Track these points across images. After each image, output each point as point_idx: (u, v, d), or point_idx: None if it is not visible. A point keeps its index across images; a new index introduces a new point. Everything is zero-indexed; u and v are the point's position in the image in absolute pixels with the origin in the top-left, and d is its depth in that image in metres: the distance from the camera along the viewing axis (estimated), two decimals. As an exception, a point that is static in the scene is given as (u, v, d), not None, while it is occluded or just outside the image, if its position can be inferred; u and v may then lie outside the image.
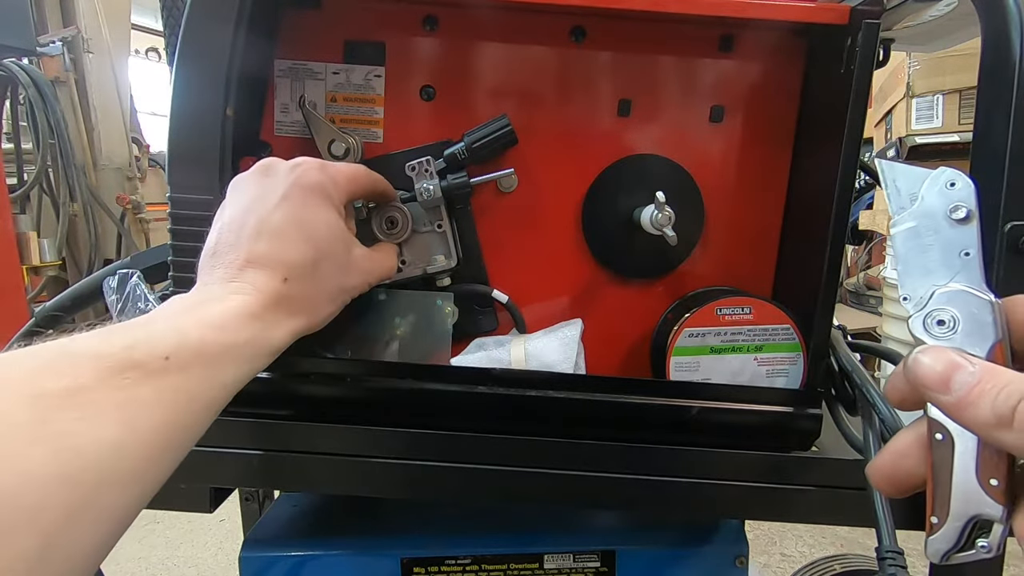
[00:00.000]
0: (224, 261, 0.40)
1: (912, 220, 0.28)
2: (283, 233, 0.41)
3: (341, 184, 0.45)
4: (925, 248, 0.28)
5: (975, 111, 0.47)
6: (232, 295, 0.38)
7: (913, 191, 0.28)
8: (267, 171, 0.44)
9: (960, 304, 0.27)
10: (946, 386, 0.27)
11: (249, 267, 0.40)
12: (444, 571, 0.58)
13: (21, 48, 2.16)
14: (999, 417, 0.25)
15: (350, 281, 0.46)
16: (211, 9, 0.47)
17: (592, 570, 0.59)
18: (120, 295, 0.56)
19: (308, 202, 0.42)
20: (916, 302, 0.27)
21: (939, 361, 0.27)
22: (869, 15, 0.47)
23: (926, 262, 0.28)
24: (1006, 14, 0.45)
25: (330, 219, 0.44)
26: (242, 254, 0.40)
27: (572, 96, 0.57)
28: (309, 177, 0.43)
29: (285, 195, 0.42)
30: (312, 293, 0.42)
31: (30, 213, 2.95)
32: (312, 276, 0.42)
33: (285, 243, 0.41)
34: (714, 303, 0.53)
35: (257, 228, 0.41)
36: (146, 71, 5.43)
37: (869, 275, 2.84)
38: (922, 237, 0.28)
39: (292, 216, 0.41)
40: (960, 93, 1.92)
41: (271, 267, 0.40)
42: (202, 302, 0.37)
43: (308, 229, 0.42)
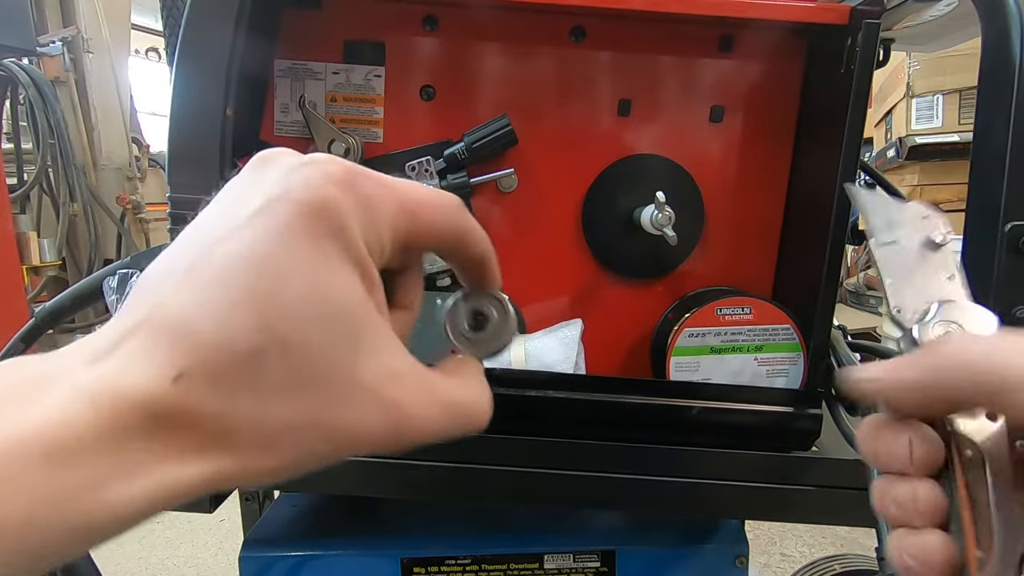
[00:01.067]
0: (125, 308, 0.22)
1: (893, 238, 0.28)
2: (221, 283, 0.21)
3: (381, 214, 0.24)
4: (911, 267, 0.28)
5: (975, 111, 0.47)
6: (72, 389, 0.19)
7: (888, 217, 0.29)
8: (261, 165, 0.25)
9: (970, 317, 0.27)
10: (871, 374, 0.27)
11: (139, 333, 0.21)
12: (444, 571, 0.58)
13: (21, 48, 2.15)
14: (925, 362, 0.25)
15: (350, 418, 0.22)
16: (211, 9, 0.47)
17: (592, 570, 0.58)
18: (120, 295, 0.56)
19: (294, 236, 0.22)
20: (912, 314, 0.27)
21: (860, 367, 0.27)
22: (869, 15, 0.47)
23: (914, 279, 0.28)
24: (1006, 14, 0.45)
25: (331, 279, 0.22)
26: (144, 305, 0.21)
27: (572, 96, 0.57)
28: (314, 189, 0.22)
29: (258, 213, 0.22)
30: (243, 416, 0.21)
31: (30, 213, 2.95)
32: (250, 382, 0.21)
33: (215, 304, 0.21)
34: (714, 303, 0.53)
35: (188, 263, 0.22)
36: (146, 71, 5.43)
37: (869, 275, 2.84)
38: (905, 256, 0.28)
39: (251, 255, 0.21)
40: (960, 93, 1.92)
41: (170, 342, 0.20)
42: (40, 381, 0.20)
43: (272, 288, 0.21)
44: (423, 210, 0.26)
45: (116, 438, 0.19)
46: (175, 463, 0.20)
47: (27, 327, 0.60)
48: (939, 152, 1.94)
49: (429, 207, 0.26)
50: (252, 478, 0.22)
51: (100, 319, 2.46)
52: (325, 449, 0.23)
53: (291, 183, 0.23)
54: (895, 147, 2.03)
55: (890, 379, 0.26)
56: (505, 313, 0.32)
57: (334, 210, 0.23)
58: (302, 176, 0.23)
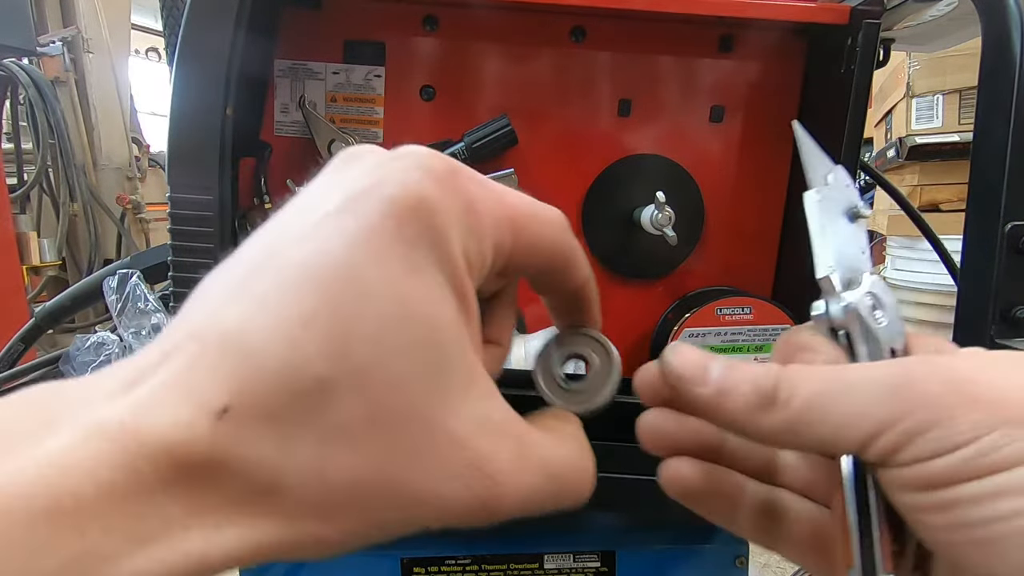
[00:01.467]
0: (171, 324, 0.18)
1: (827, 197, 0.27)
2: (288, 294, 0.17)
3: (485, 223, 0.20)
4: (836, 231, 0.27)
5: (975, 111, 0.47)
6: (84, 429, 0.15)
7: (823, 174, 0.28)
8: (347, 161, 0.21)
9: (885, 294, 0.25)
10: (703, 376, 0.23)
11: (181, 353, 0.16)
12: (444, 571, 0.58)
13: (21, 48, 2.15)
14: (761, 395, 0.22)
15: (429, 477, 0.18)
16: (211, 9, 0.47)
17: (592, 570, 0.58)
18: (120, 295, 0.56)
19: (382, 240, 0.17)
20: (844, 277, 0.25)
21: (694, 352, 0.24)
22: (869, 15, 0.47)
23: (843, 244, 0.26)
24: (1006, 14, 0.44)
25: (423, 297, 0.18)
26: (191, 321, 0.17)
27: (572, 96, 0.57)
28: (409, 185, 0.18)
29: (339, 211, 0.18)
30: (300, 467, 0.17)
31: (30, 213, 2.95)
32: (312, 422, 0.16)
33: (278, 320, 0.16)
34: (714, 303, 0.53)
35: (249, 270, 0.18)
36: (146, 71, 5.43)
37: (869, 275, 2.84)
38: (833, 218, 0.27)
39: (326, 261, 0.17)
40: (960, 93, 1.92)
41: (219, 365, 0.16)
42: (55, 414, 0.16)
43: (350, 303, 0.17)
44: (529, 223, 0.22)
45: (128, 494, 0.14)
46: (207, 527, 0.15)
47: (27, 327, 0.60)
48: (939, 152, 1.94)
49: (536, 220, 0.22)
50: (303, 550, 0.17)
51: (100, 319, 2.46)
52: (395, 517, 0.18)
53: (380, 177, 0.18)
54: (895, 147, 2.03)
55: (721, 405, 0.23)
56: (609, 359, 0.27)
57: (432, 211, 0.18)
58: (394, 169, 0.19)
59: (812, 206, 0.27)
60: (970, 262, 0.46)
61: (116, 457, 0.14)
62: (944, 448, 0.19)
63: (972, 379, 0.20)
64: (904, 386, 0.20)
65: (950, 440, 0.19)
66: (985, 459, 0.19)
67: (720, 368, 0.23)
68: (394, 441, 0.17)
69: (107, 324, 0.64)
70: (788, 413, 0.22)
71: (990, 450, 0.19)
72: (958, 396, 0.20)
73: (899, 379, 0.20)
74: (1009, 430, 0.19)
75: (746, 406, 0.22)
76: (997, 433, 0.19)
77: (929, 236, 0.68)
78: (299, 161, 0.56)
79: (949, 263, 0.64)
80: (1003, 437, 0.19)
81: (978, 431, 0.19)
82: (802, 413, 0.21)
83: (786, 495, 0.28)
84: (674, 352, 0.25)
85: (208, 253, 0.48)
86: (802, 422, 0.21)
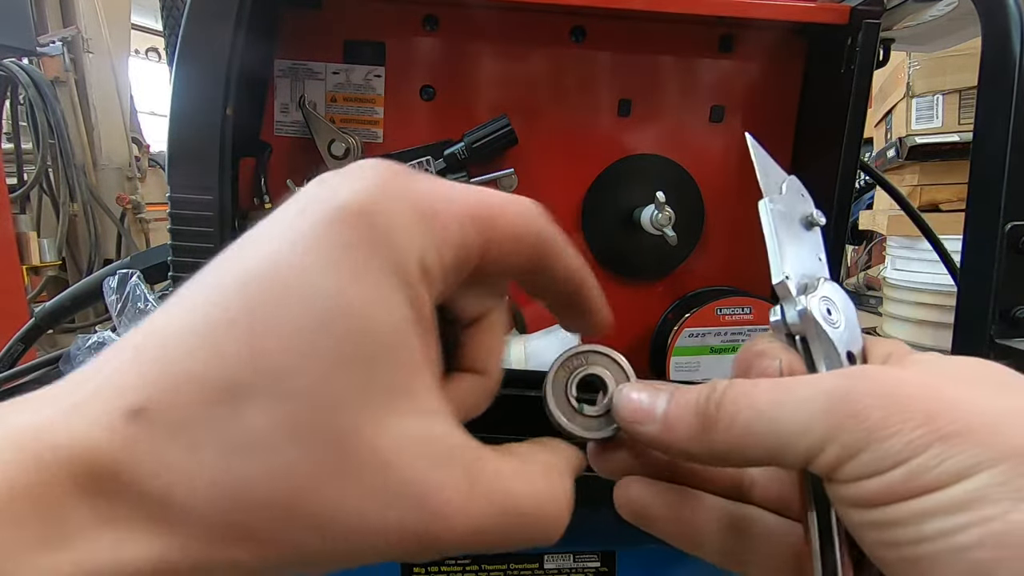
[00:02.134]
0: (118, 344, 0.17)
1: (781, 205, 0.27)
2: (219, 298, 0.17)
3: (446, 226, 0.19)
4: (792, 238, 0.27)
5: (975, 111, 0.47)
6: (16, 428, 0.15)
7: (777, 182, 0.28)
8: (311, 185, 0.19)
9: (840, 299, 0.25)
10: (649, 414, 0.23)
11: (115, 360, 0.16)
12: (444, 571, 0.58)
13: (21, 48, 2.15)
14: (704, 418, 0.22)
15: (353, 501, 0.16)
16: (211, 9, 0.47)
17: (592, 570, 0.58)
18: (120, 295, 0.56)
19: (320, 242, 0.17)
20: (799, 283, 0.25)
21: (641, 391, 0.24)
22: (869, 15, 0.47)
23: (799, 251, 0.26)
24: (1006, 14, 0.44)
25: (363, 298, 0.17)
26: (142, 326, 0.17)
27: (572, 96, 0.57)
28: (356, 192, 0.18)
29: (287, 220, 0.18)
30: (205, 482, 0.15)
31: (30, 213, 2.95)
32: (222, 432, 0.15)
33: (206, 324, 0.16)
34: (714, 303, 0.53)
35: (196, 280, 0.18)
36: (146, 71, 5.43)
37: (869, 275, 2.84)
38: (789, 225, 0.27)
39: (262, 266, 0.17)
40: (960, 93, 1.92)
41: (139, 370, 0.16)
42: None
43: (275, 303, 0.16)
44: (497, 217, 0.20)
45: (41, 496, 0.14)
46: (116, 537, 0.15)
47: (27, 327, 0.60)
48: (939, 152, 1.94)
49: (505, 212, 0.21)
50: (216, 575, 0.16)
51: (100, 319, 2.46)
52: (317, 546, 0.16)
53: (331, 188, 0.18)
54: (895, 147, 2.03)
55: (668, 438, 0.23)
56: (625, 375, 0.25)
57: (379, 215, 0.17)
58: (343, 180, 0.18)
59: (766, 214, 0.27)
60: (970, 262, 0.46)
61: (29, 462, 0.14)
62: (879, 467, 0.19)
63: (911, 393, 0.19)
64: (842, 401, 0.20)
65: (884, 459, 0.19)
66: (917, 480, 0.18)
67: (664, 403, 0.23)
68: (312, 457, 0.15)
69: (107, 324, 0.64)
70: (732, 434, 0.21)
71: (922, 470, 0.18)
72: (894, 412, 0.19)
73: (838, 393, 0.20)
74: (942, 447, 0.18)
75: (691, 433, 0.22)
76: (929, 452, 0.18)
77: (929, 236, 0.68)
78: (299, 161, 0.56)
79: (949, 263, 0.64)
80: (934, 457, 0.18)
81: (911, 451, 0.18)
82: (745, 433, 0.21)
83: (755, 512, 0.27)
84: (620, 395, 0.24)
85: (208, 253, 0.47)
86: (746, 441, 0.21)
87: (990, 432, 0.18)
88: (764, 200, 0.27)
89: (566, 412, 0.25)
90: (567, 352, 0.26)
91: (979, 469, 0.18)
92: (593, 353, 0.26)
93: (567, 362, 0.26)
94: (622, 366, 0.26)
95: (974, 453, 0.18)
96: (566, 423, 0.25)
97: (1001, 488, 0.17)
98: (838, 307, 0.25)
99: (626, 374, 0.26)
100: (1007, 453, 0.18)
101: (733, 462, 0.22)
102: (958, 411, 0.19)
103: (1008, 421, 0.18)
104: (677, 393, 0.23)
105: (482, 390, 0.23)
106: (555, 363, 0.26)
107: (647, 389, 0.24)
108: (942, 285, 1.81)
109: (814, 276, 0.26)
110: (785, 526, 0.27)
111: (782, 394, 0.21)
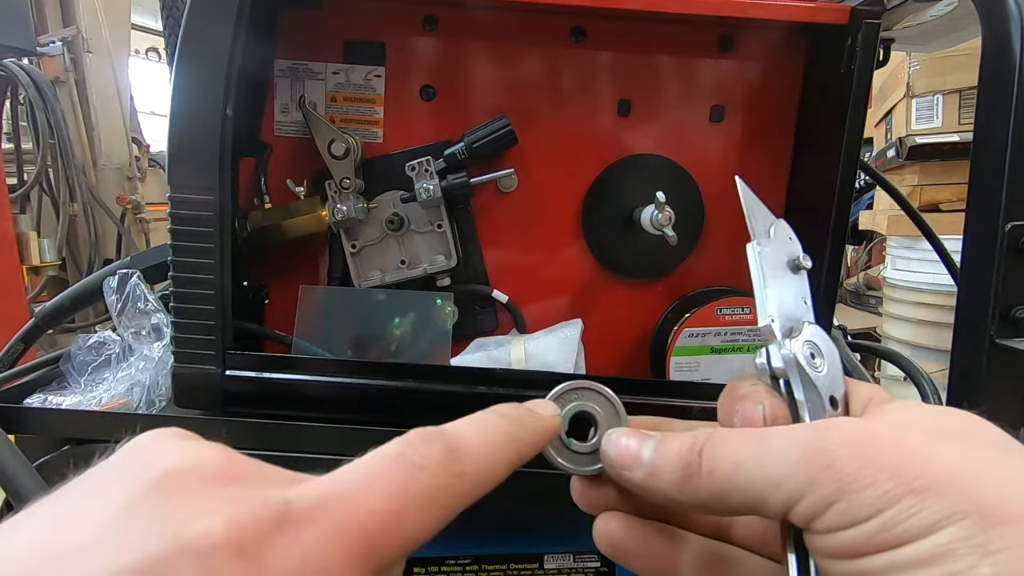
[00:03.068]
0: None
1: (770, 248, 0.28)
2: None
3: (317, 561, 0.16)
4: (779, 280, 0.27)
5: (975, 111, 0.47)
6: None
7: (765, 225, 0.29)
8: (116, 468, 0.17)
9: (824, 343, 0.26)
10: (635, 461, 0.24)
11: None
12: (444, 571, 0.58)
13: (21, 48, 2.15)
14: (687, 465, 0.23)
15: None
16: (211, 9, 0.47)
17: (592, 570, 0.58)
18: (120, 295, 0.56)
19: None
20: (785, 326, 0.26)
21: (630, 438, 0.25)
22: (869, 15, 0.47)
23: (784, 294, 0.27)
24: (1006, 14, 0.44)
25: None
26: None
27: (572, 96, 0.57)
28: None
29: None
30: None
31: (30, 213, 2.95)
32: None
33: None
34: (714, 303, 0.53)
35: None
36: (146, 71, 5.42)
37: (869, 275, 2.84)
38: (776, 268, 0.28)
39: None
40: (960, 93, 1.92)
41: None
42: None
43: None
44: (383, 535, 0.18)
45: None
46: None
47: (27, 327, 0.60)
48: (939, 152, 1.94)
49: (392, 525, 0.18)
50: None
51: (100, 319, 2.46)
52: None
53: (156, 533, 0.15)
54: (895, 147, 2.03)
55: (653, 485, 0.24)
56: (616, 413, 0.27)
57: None
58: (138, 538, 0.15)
59: (754, 258, 0.28)
60: (970, 262, 0.46)
61: None
62: (851, 520, 0.19)
63: (882, 447, 0.20)
64: (817, 452, 0.20)
65: (856, 513, 0.19)
66: (887, 533, 0.19)
67: (651, 450, 0.24)
68: None
69: (107, 324, 0.64)
70: (713, 484, 0.22)
71: (892, 524, 0.19)
72: (866, 465, 0.19)
73: (812, 445, 0.20)
74: (912, 500, 0.18)
75: (674, 482, 0.23)
76: (899, 506, 0.18)
77: (929, 236, 0.68)
78: (299, 161, 0.56)
79: (949, 263, 0.64)
80: (905, 511, 0.18)
81: (882, 504, 0.19)
82: (724, 483, 0.22)
83: (736, 553, 0.28)
84: (609, 440, 0.26)
85: (208, 253, 0.48)
86: (726, 491, 0.22)
87: (957, 486, 0.18)
88: (752, 243, 0.28)
89: (555, 445, 0.26)
90: (564, 386, 0.27)
91: (947, 523, 0.18)
92: (588, 390, 0.27)
93: (563, 396, 0.27)
94: (615, 405, 0.27)
95: (942, 507, 0.18)
96: (554, 456, 0.26)
97: (967, 543, 0.18)
98: (822, 351, 0.26)
99: (618, 414, 0.27)
100: (972, 507, 0.18)
101: (716, 511, 0.23)
102: (928, 465, 0.19)
103: (974, 476, 0.19)
104: (664, 440, 0.24)
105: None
106: (551, 395, 0.27)
107: (635, 435, 0.25)
108: (942, 285, 1.81)
109: (799, 319, 0.27)
110: (765, 568, 0.27)
111: (760, 445, 0.22)
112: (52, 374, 0.59)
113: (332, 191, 0.53)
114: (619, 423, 0.27)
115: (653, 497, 0.24)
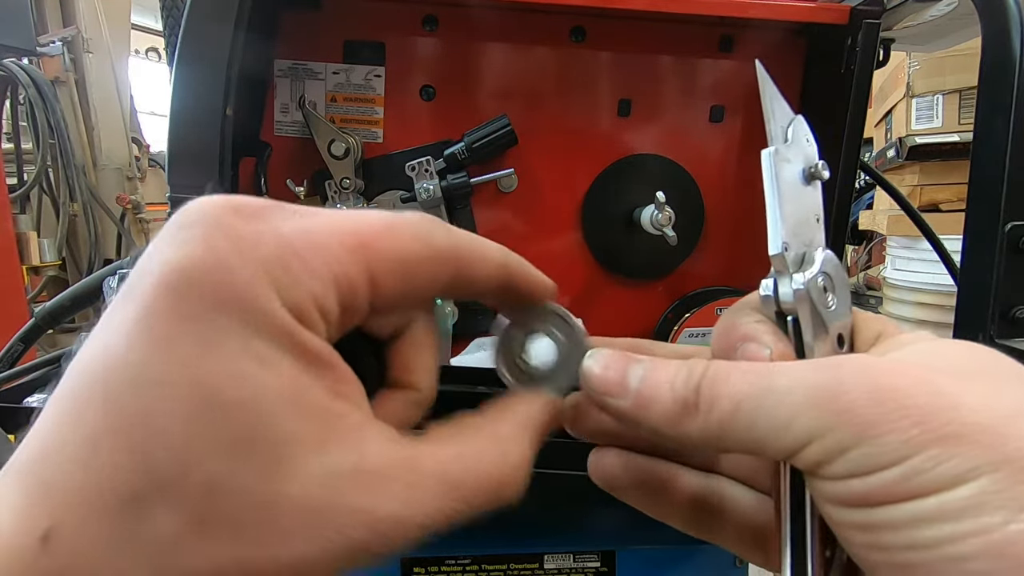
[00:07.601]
0: None
1: (787, 155, 0.24)
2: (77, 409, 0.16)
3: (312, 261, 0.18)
4: (794, 195, 0.24)
5: (975, 111, 0.47)
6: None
7: (785, 127, 0.25)
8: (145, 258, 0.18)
9: (836, 272, 0.23)
10: (622, 387, 0.22)
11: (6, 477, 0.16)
12: (444, 571, 0.58)
13: (21, 48, 2.15)
14: (681, 401, 0.20)
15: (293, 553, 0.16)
16: (211, 9, 0.47)
17: (592, 570, 0.58)
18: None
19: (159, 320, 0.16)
20: (797, 257, 0.23)
21: (614, 359, 0.22)
22: (869, 15, 0.47)
23: (797, 212, 0.23)
24: (1006, 14, 0.44)
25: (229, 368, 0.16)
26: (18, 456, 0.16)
27: (572, 96, 0.57)
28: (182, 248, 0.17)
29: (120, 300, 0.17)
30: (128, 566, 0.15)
31: (30, 213, 2.95)
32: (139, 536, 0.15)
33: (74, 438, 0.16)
34: (714, 303, 0.53)
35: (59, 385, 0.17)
36: (146, 71, 5.42)
37: (869, 275, 2.84)
38: (792, 180, 0.24)
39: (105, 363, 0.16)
40: (960, 93, 1.92)
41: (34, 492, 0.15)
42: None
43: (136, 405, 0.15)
44: (382, 241, 0.19)
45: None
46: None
47: (27, 327, 0.60)
48: (939, 152, 1.94)
49: (391, 234, 0.19)
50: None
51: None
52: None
53: (156, 255, 0.17)
54: (895, 147, 2.03)
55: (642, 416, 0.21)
56: (572, 330, 0.24)
57: (218, 271, 0.16)
58: (168, 242, 0.17)
59: (769, 168, 0.24)
60: (970, 262, 0.46)
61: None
62: (869, 467, 0.18)
63: (904, 387, 0.18)
64: (831, 396, 0.18)
65: (875, 459, 0.18)
66: (910, 482, 0.17)
67: (639, 376, 0.22)
68: (238, 534, 0.16)
69: (107, 324, 0.64)
70: (711, 422, 0.20)
71: (916, 473, 0.17)
72: (888, 409, 0.18)
73: (826, 387, 0.19)
74: (939, 449, 0.17)
75: (666, 416, 0.21)
76: (926, 453, 0.17)
77: (929, 236, 0.68)
78: (299, 161, 0.56)
79: (949, 263, 0.64)
80: (931, 459, 0.17)
81: (906, 450, 0.17)
82: (725, 422, 0.20)
83: (725, 484, 0.27)
84: (592, 358, 0.23)
85: (208, 253, 0.47)
86: (725, 431, 0.20)
87: (989, 434, 0.17)
88: (768, 150, 0.24)
89: (515, 375, 0.24)
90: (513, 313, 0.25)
91: (978, 474, 0.17)
92: (538, 311, 0.24)
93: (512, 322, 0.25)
94: (567, 320, 0.24)
95: (972, 456, 0.17)
96: (519, 387, 0.24)
97: (1000, 496, 0.16)
98: (835, 284, 0.23)
99: (570, 324, 0.24)
100: (1006, 458, 0.17)
101: (707, 449, 0.22)
102: (957, 409, 0.17)
103: (1007, 423, 0.17)
104: (654, 368, 0.22)
105: (413, 404, 0.23)
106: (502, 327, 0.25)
107: (621, 358, 0.22)
108: (942, 285, 1.81)
109: (812, 244, 0.23)
110: (755, 502, 0.26)
111: (764, 383, 0.20)
112: (52, 374, 0.59)
113: (332, 191, 0.53)
114: (574, 337, 0.24)
115: (639, 429, 0.22)
